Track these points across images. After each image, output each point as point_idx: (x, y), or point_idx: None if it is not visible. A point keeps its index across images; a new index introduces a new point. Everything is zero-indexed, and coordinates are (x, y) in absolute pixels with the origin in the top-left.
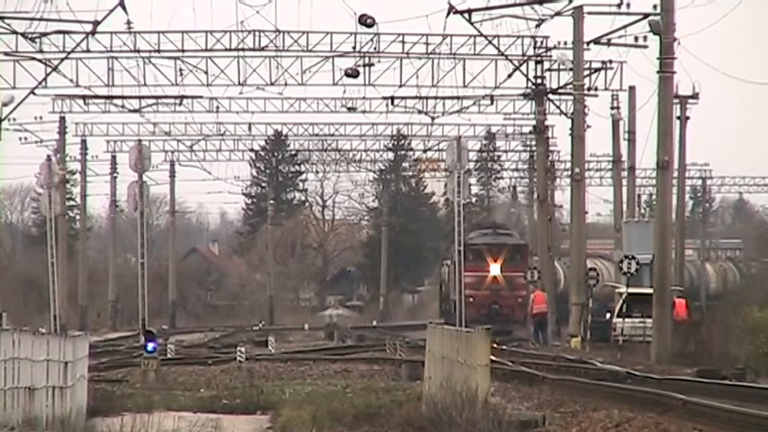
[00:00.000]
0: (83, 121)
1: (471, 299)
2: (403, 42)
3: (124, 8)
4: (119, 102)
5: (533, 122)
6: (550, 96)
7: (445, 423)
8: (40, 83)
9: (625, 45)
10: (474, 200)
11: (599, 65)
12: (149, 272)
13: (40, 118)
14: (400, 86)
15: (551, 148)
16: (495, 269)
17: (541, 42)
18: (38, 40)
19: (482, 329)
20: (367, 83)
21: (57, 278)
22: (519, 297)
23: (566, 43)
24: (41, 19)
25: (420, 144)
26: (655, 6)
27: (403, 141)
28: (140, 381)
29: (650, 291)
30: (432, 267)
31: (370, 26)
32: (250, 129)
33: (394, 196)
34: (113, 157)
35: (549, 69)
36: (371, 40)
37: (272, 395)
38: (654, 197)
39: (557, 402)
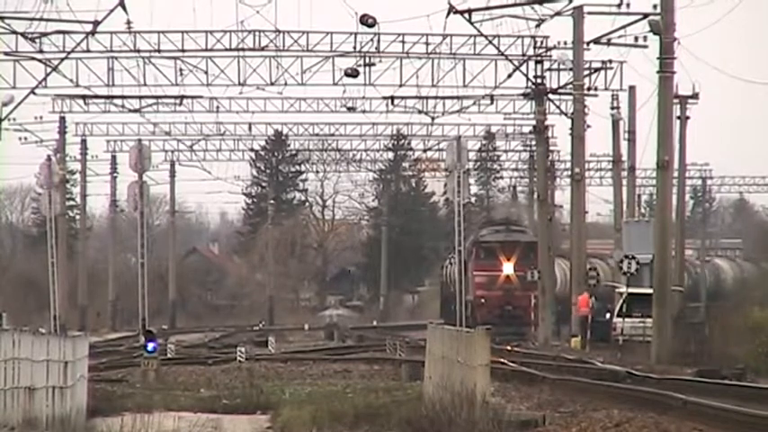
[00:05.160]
0: (83, 121)
1: (483, 300)
2: (403, 42)
3: (124, 8)
4: (119, 102)
5: (533, 122)
6: (550, 96)
7: (445, 423)
8: (39, 83)
9: (625, 45)
10: (474, 200)
11: (599, 65)
12: (149, 272)
13: (40, 118)
14: (400, 86)
15: (551, 148)
16: (508, 268)
17: (541, 42)
18: (38, 40)
19: (482, 329)
20: (367, 83)
21: (57, 278)
22: (533, 297)
23: (566, 43)
24: (41, 19)
25: (420, 144)
26: (655, 6)
27: (403, 141)
28: (140, 381)
29: (650, 291)
30: (432, 267)
31: (371, 26)
32: (250, 129)
33: (394, 196)
34: (113, 157)
35: (549, 69)
36: (371, 39)
37: (272, 395)
38: (654, 197)
39: (557, 402)
